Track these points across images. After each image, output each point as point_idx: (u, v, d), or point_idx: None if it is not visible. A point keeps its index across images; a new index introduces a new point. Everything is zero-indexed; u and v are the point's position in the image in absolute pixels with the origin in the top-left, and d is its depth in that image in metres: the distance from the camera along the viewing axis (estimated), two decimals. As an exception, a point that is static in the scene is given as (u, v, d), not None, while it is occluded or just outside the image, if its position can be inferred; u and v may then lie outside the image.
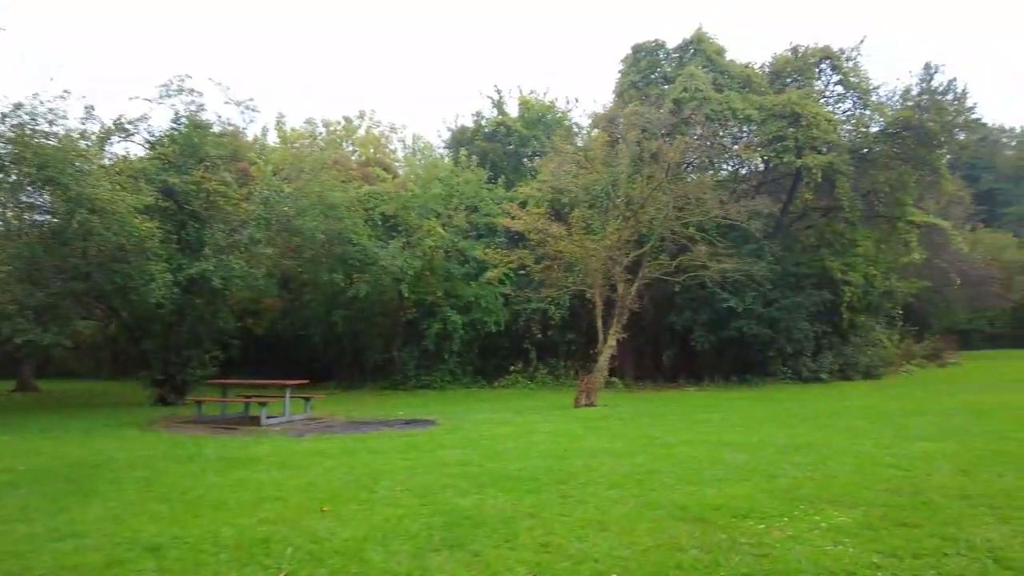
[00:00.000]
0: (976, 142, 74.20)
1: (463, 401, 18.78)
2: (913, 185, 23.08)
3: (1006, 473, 7.09)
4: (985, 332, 53.58)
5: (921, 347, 32.29)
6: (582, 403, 15.68)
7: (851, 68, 24.60)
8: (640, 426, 12.00)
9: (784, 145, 21.46)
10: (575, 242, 17.08)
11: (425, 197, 22.23)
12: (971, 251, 40.62)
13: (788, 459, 8.21)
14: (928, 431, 10.42)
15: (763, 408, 14.99)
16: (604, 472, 7.67)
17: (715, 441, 9.89)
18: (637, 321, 24.05)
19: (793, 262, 22.89)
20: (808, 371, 22.93)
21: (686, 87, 21.87)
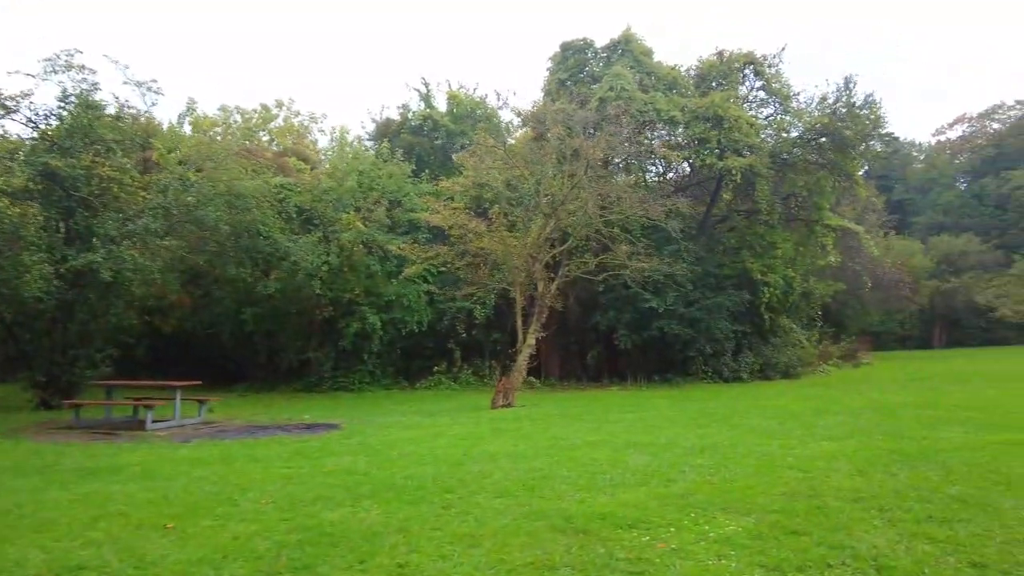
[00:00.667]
0: (889, 154, 78.68)
1: (378, 403, 18.00)
2: (830, 190, 23.74)
3: (899, 472, 6.98)
4: (896, 334, 56.43)
5: (837, 348, 33.39)
6: (499, 404, 15.20)
7: (773, 74, 25.14)
8: (551, 427, 11.58)
9: (707, 147, 21.63)
10: (496, 239, 16.59)
11: (341, 190, 21.25)
12: (883, 256, 42.64)
13: (691, 461, 7.92)
14: (833, 431, 10.41)
15: (679, 407, 14.87)
16: (497, 479, 7.17)
17: (622, 442, 9.56)
18: (563, 321, 23.85)
19: (715, 263, 23.14)
20: (729, 370, 23.19)
21: (612, 86, 21.77)
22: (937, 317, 57.05)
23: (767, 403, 15.50)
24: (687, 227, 23.42)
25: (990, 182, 70.13)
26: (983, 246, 59.01)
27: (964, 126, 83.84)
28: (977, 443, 8.79)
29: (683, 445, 9.19)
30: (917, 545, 4.60)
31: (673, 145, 23.54)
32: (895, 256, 45.72)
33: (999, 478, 6.60)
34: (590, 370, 23.73)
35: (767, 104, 25.36)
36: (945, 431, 10.03)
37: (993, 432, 9.73)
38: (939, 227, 66.39)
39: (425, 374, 23.39)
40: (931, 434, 9.71)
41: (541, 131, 19.57)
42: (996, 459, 7.58)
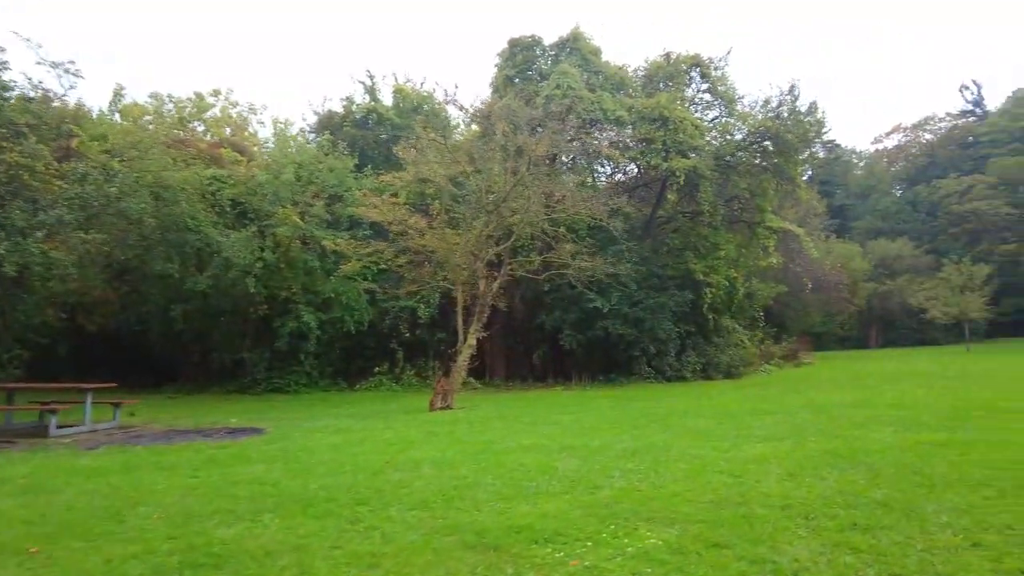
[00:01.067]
0: (831, 161, 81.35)
1: (312, 406, 17.29)
2: (772, 193, 24.08)
3: (829, 476, 6.85)
4: (836, 334, 58.28)
5: (779, 348, 34.11)
6: (437, 406, 14.75)
7: (719, 77, 25.39)
8: (486, 431, 11.21)
9: (652, 148, 21.63)
10: (438, 236, 16.12)
11: (277, 182, 20.40)
12: (823, 259, 43.88)
13: (622, 465, 7.67)
14: (769, 431, 10.35)
15: (620, 408, 14.71)
16: (416, 488, 6.75)
17: (556, 446, 9.25)
18: (508, 321, 23.55)
19: (659, 264, 23.20)
20: (672, 370, 23.29)
21: (559, 84, 21.57)
22: (874, 318, 59.14)
23: (706, 403, 15.50)
24: (633, 228, 23.44)
25: (923, 190, 73.23)
26: (916, 250, 61.52)
27: (899, 135, 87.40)
28: (905, 443, 8.81)
29: (617, 448, 8.95)
30: (839, 557, 4.39)
31: (620, 146, 23.51)
32: (835, 259, 47.13)
33: (923, 480, 6.54)
34: (536, 370, 23.50)
35: (712, 107, 25.62)
36: (876, 431, 10.07)
37: (920, 431, 9.81)
38: (877, 232, 68.96)
39: (366, 375, 22.74)
40: (863, 434, 9.73)
41: (487, 127, 19.20)
42: (922, 460, 7.56)
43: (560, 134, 17.10)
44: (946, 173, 71.80)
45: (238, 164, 21.93)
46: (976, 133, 76.96)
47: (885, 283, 56.54)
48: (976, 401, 14.03)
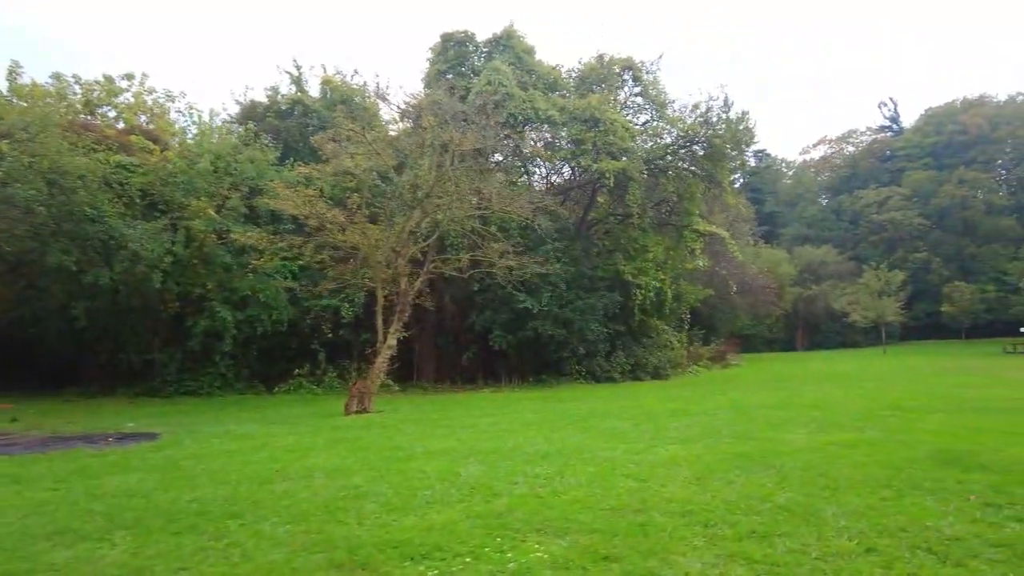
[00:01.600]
0: (762, 169, 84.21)
1: (222, 410, 16.29)
2: (700, 197, 24.39)
3: (737, 479, 6.67)
4: (764, 336, 60.19)
5: (707, 349, 34.79)
6: (353, 410, 14.09)
7: (651, 81, 25.58)
8: (398, 435, 10.67)
9: (583, 149, 21.53)
10: (357, 231, 15.41)
11: (191, 172, 19.21)
12: (751, 264, 45.15)
13: (528, 470, 7.31)
14: (685, 432, 10.23)
15: (542, 409, 14.41)
16: (300, 499, 6.20)
17: (465, 450, 8.83)
18: (439, 321, 23.00)
19: (589, 265, 23.14)
20: (601, 371, 23.27)
21: (490, 81, 21.22)
22: (800, 321, 61.34)
23: (630, 404, 15.39)
24: (564, 229, 23.30)
25: (846, 199, 76.66)
26: (839, 257, 64.26)
27: (825, 147, 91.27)
28: (816, 444, 8.80)
29: (528, 451, 8.60)
30: (732, 569, 4.13)
31: (553, 146, 23.34)
32: (763, 264, 48.60)
33: (828, 482, 6.43)
34: (465, 371, 23.01)
35: (644, 110, 25.79)
36: (791, 432, 10.09)
37: (832, 432, 9.87)
38: (803, 238, 71.73)
39: (286, 378, 21.73)
40: (777, 435, 9.70)
41: (416, 122, 18.64)
42: (829, 461, 7.51)
43: (487, 130, 16.71)
44: (867, 184, 75.45)
45: (150, 153, 20.55)
46: (893, 147, 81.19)
47: (810, 288, 58.76)
48: (886, 401, 14.42)
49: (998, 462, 7.22)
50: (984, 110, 75.84)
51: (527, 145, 21.36)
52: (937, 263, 64.81)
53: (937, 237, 66.78)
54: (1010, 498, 5.72)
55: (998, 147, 73.34)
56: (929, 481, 6.39)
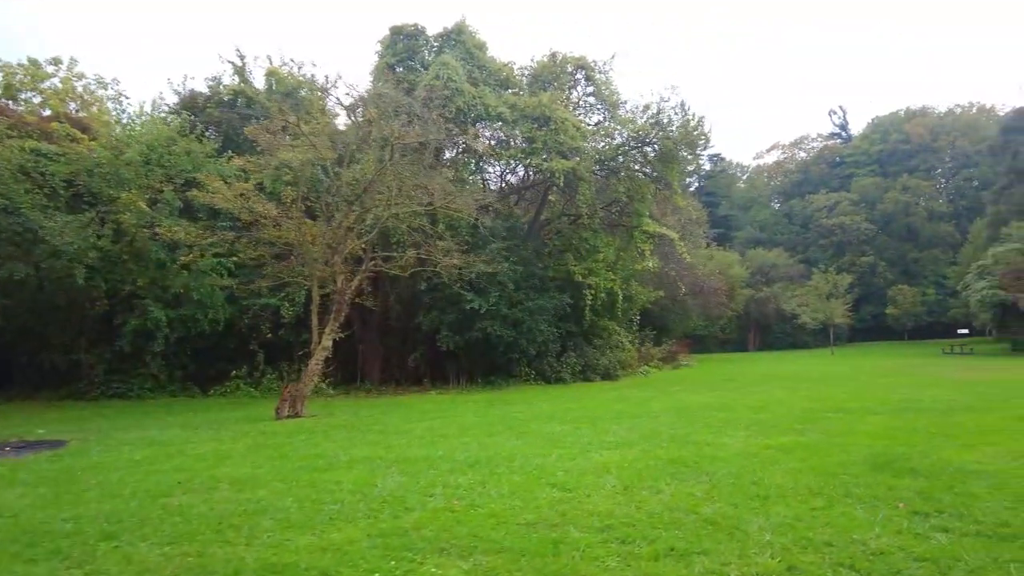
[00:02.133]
0: (717, 173, 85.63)
1: (148, 414, 15.40)
2: (651, 198, 24.31)
3: (666, 489, 6.38)
4: (718, 337, 61.06)
5: (659, 350, 34.85)
6: (284, 414, 13.43)
7: (603, 81, 25.41)
8: (325, 442, 10.11)
9: (534, 147, 21.20)
10: (293, 227, 14.71)
11: (119, 162, 18.16)
12: (704, 266, 45.64)
13: (449, 480, 6.88)
14: (624, 436, 9.95)
15: (484, 413, 13.98)
16: (194, 515, 5.67)
17: (391, 458, 8.35)
18: (385, 321, 22.38)
19: (540, 265, 22.82)
20: (552, 372, 22.99)
21: (439, 75, 20.71)
22: (751, 323, 62.40)
23: (575, 406, 15.11)
24: (514, 228, 22.95)
25: (797, 203, 78.46)
26: (790, 260, 65.61)
27: (778, 152, 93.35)
28: (754, 448, 8.62)
29: (457, 459, 8.17)
30: (641, 593, 3.78)
31: (507, 145, 22.94)
32: (715, 266, 49.21)
33: (759, 491, 6.18)
34: (412, 373, 22.42)
35: (596, 110, 25.62)
36: (730, 435, 9.91)
37: (771, 435, 9.72)
38: (756, 241, 73.09)
39: (222, 379, 20.84)
40: (716, 439, 9.50)
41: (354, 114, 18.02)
42: (764, 467, 7.29)
43: (430, 124, 16.18)
44: (817, 189, 77.41)
45: (76, 142, 19.37)
46: (842, 154, 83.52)
47: (762, 290, 59.81)
48: (828, 402, 14.45)
49: (928, 466, 7.12)
50: (926, 120, 78.70)
51: (479, 143, 20.85)
52: (882, 267, 66.85)
53: (883, 242, 68.86)
54: (937, 505, 5.56)
55: (938, 156, 76.20)
56: (861, 488, 6.21)
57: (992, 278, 39.44)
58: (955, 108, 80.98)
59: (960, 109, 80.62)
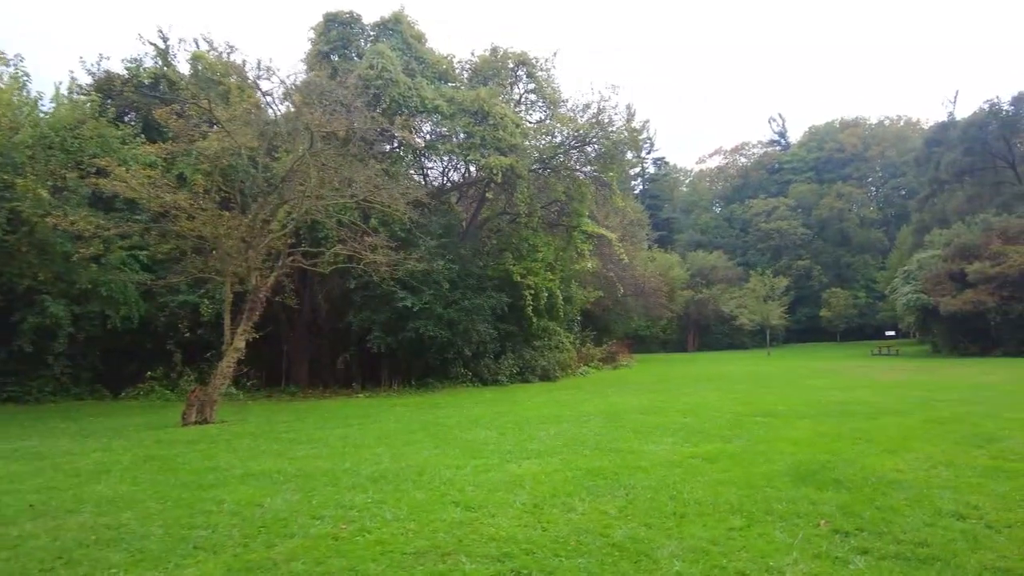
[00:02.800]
0: (661, 177, 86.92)
1: (40, 420, 14.04)
2: (590, 198, 24.06)
3: (579, 505, 5.92)
4: (659, 338, 61.85)
5: (599, 350, 34.80)
6: (191, 420, 12.47)
7: (545, 79, 25.03)
8: (225, 453, 9.27)
9: (472, 143, 20.62)
10: (209, 219, 13.69)
11: (9, 144, 16.64)
12: (646, 267, 46.03)
13: (345, 499, 6.26)
14: (548, 443, 9.50)
15: (410, 418, 13.31)
16: (28, 548, 4.95)
17: (291, 472, 7.64)
18: (313, 321, 21.41)
19: (479, 264, 22.25)
20: (489, 374, 22.48)
21: (372, 64, 19.88)
22: (691, 324, 63.44)
23: (506, 409, 14.63)
24: (452, 226, 22.32)
25: (737, 208, 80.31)
26: (730, 262, 67.04)
27: (720, 158, 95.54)
28: (678, 456, 8.28)
29: (361, 473, 7.53)
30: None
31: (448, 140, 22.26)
32: (657, 267, 49.72)
33: (676, 507, 5.79)
34: (342, 375, 21.48)
35: (536, 108, 25.22)
36: (656, 441, 9.58)
37: (698, 442, 9.43)
38: (697, 244, 74.42)
39: (136, 381, 19.48)
40: (641, 447, 9.14)
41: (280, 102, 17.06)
42: (686, 479, 6.93)
43: (354, 112, 15.36)
44: (757, 194, 79.52)
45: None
46: (781, 160, 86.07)
47: (702, 291, 60.85)
48: (759, 405, 14.40)
49: (852, 476, 6.90)
50: (859, 130, 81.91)
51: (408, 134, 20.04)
52: (817, 270, 69.03)
53: (818, 246, 71.14)
54: (858, 522, 5.26)
55: (870, 165, 79.42)
56: (783, 503, 5.88)
57: (916, 283, 41.01)
58: (884, 120, 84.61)
59: (889, 121, 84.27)
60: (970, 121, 50.63)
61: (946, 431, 10.06)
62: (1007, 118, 48.07)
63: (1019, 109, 47.85)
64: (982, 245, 38.17)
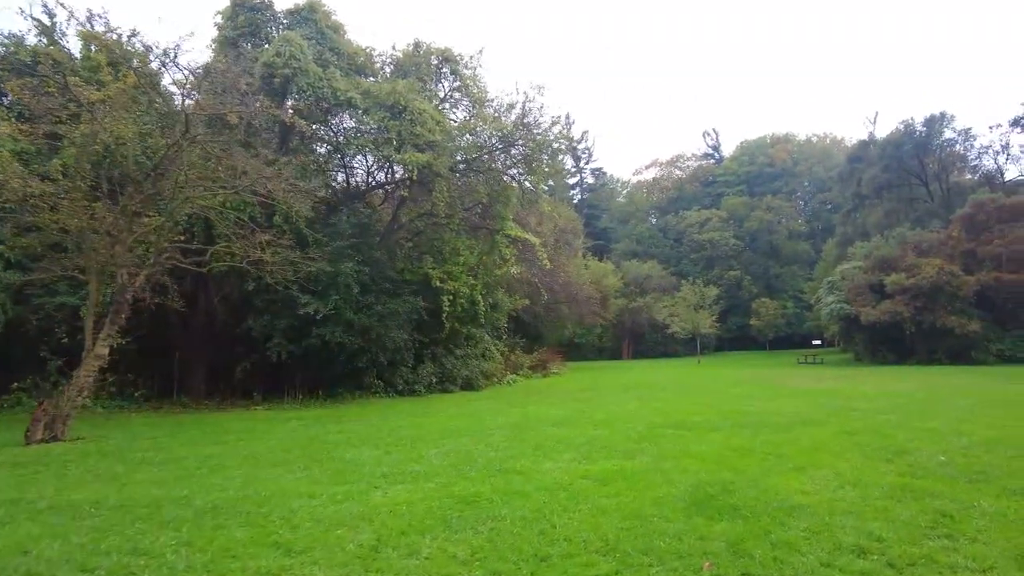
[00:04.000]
0: (598, 187, 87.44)
1: None
2: (515, 201, 23.22)
3: (428, 546, 4.95)
4: (595, 345, 61.72)
5: (529, 358, 34.01)
6: (37, 438, 10.86)
7: (471, 76, 24.13)
8: (46, 479, 7.86)
9: (386, 138, 19.47)
10: (76, 211, 12.09)
11: None
12: (579, 275, 45.66)
13: (144, 542, 5.09)
14: (434, 463, 8.53)
15: (298, 434, 12.03)
16: None
17: (112, 503, 6.40)
18: (210, 326, 19.74)
19: (395, 267, 21.03)
20: (405, 384, 21.27)
21: (280, 52, 18.49)
22: (626, 331, 63.58)
23: (407, 423, 13.53)
24: (366, 225, 21.07)
25: (672, 219, 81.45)
26: (663, 272, 67.66)
27: (656, 169, 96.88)
28: (571, 477, 7.42)
29: (195, 504, 6.34)
30: None
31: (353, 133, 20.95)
32: (591, 275, 49.46)
33: (542, 546, 4.89)
34: (241, 386, 19.78)
35: (462, 107, 24.28)
36: (555, 459, 8.71)
37: (599, 459, 8.62)
38: (632, 254, 74.94)
39: (3, 393, 17.40)
40: (534, 466, 8.24)
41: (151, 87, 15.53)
42: (567, 507, 6.06)
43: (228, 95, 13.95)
44: (691, 206, 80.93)
45: None
46: (715, 173, 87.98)
47: (635, 300, 61.09)
48: (676, 415, 13.78)
49: (752, 501, 6.16)
50: (788, 146, 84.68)
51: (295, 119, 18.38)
52: (748, 281, 70.51)
53: (748, 257, 72.74)
54: (747, 564, 4.47)
55: (798, 180, 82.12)
56: (667, 539, 5.06)
57: (839, 293, 42.06)
58: (812, 137, 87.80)
59: (816, 138, 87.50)
60: (887, 140, 52.70)
61: (857, 443, 9.58)
62: (920, 139, 50.17)
63: (931, 130, 50.03)
64: (899, 257, 39.45)
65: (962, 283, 35.97)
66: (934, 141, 50.56)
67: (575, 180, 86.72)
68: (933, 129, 50.03)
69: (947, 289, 35.95)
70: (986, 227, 38.04)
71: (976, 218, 38.62)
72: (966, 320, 35.70)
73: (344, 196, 23.68)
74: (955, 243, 38.63)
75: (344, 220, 19.41)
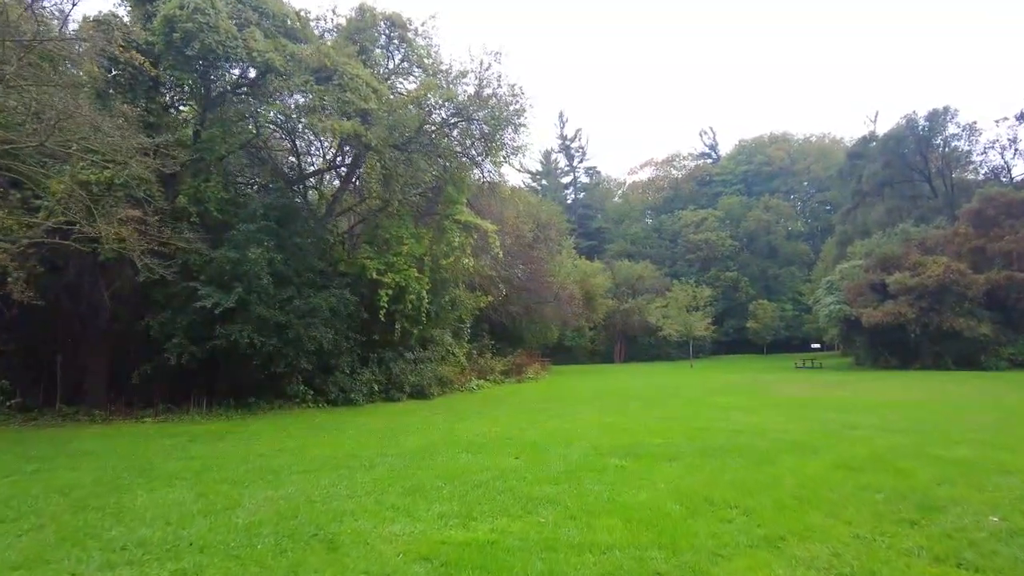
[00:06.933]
0: (593, 187, 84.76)
1: None
2: (469, 183, 20.48)
3: None
4: (587, 348, 58.86)
5: (502, 362, 31.20)
6: None
7: (424, 45, 21.45)
8: None
9: (314, 105, 16.75)
10: None
11: None
12: (569, 275, 42.97)
13: None
14: (230, 523, 5.76)
15: (122, 464, 9.27)
16: None
17: None
18: (94, 324, 16.91)
19: (326, 257, 18.26)
20: (339, 392, 18.50)
21: (183, 4, 15.76)
22: (618, 334, 60.79)
23: (289, 444, 10.74)
24: (292, 207, 18.31)
25: (667, 219, 78.72)
26: (657, 272, 64.87)
27: (651, 169, 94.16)
28: (400, 562, 4.68)
29: None
30: None
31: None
32: (578, 274, 46.76)
33: None
34: (142, 393, 16.93)
35: (414, 78, 21.59)
36: (412, 516, 6.17)
37: (474, 516, 5.97)
38: (627, 254, 72.18)
39: None
40: (372, 528, 5.61)
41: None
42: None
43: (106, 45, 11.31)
44: (687, 206, 78.17)
45: None
46: (711, 173, 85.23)
47: (627, 301, 58.34)
48: (633, 435, 11.04)
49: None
50: (786, 145, 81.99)
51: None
52: (745, 282, 67.76)
53: (745, 258, 69.99)
54: None
55: (797, 179, 79.35)
56: None
57: (838, 293, 39.41)
58: (811, 136, 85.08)
59: (815, 138, 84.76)
60: (889, 135, 50.15)
61: (862, 487, 6.86)
62: (923, 134, 47.64)
63: (934, 125, 47.45)
64: (902, 256, 36.75)
65: (971, 282, 33.23)
66: (937, 136, 47.94)
67: (569, 179, 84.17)
68: (936, 124, 47.38)
69: (955, 289, 33.22)
70: (996, 222, 35.25)
71: (985, 213, 35.78)
72: (975, 322, 32.97)
73: (297, 180, 21.02)
74: (963, 240, 35.86)
75: (256, 200, 16.67)
